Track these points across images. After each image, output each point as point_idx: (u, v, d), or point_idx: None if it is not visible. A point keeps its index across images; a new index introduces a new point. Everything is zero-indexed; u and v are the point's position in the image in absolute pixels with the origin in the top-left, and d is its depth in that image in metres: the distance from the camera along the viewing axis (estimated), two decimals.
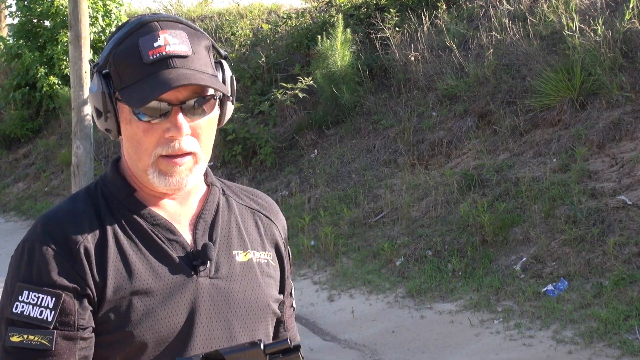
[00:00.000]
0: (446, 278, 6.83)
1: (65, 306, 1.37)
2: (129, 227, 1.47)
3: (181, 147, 1.42)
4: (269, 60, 11.55)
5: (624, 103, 7.42)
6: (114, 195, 1.50)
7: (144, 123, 1.41)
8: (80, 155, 9.40)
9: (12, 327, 1.37)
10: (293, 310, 1.71)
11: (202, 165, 1.47)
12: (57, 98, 14.96)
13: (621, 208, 6.47)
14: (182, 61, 1.40)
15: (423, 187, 8.29)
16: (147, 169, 1.44)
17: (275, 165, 10.37)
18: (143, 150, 1.43)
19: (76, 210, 1.46)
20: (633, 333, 5.26)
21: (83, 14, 9.45)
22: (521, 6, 9.53)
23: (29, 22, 15.71)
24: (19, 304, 1.37)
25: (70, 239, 1.41)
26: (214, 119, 1.49)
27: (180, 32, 1.43)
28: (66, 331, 1.37)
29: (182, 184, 1.45)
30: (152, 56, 1.39)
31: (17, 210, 13.46)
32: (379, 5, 11.35)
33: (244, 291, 1.51)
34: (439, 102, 9.36)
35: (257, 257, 1.57)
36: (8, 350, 1.36)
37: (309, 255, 8.10)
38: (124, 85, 1.42)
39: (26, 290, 1.37)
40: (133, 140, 1.44)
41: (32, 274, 1.38)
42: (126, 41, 1.43)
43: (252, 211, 1.63)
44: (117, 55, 1.43)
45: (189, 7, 16.24)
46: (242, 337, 1.49)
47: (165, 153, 1.42)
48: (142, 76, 1.39)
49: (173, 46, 1.40)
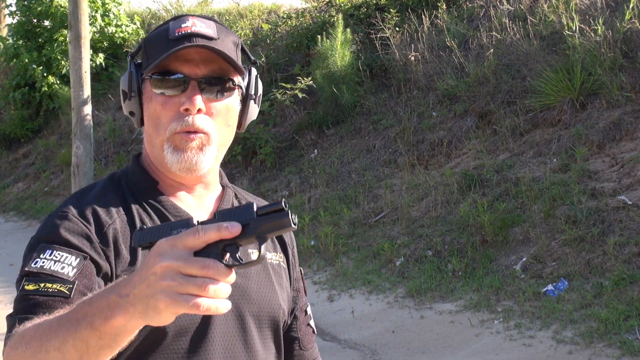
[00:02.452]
0: (446, 278, 6.82)
1: (86, 269, 1.35)
2: (155, 215, 1.49)
3: (194, 122, 1.45)
4: (269, 60, 11.55)
5: (624, 103, 7.42)
6: (137, 187, 1.52)
7: (163, 97, 1.45)
8: (80, 155, 9.39)
9: (28, 277, 1.32)
10: (312, 332, 1.70)
11: (213, 148, 1.49)
12: (56, 98, 14.97)
13: (621, 208, 6.46)
14: (205, 40, 1.45)
15: (423, 187, 8.29)
16: (163, 144, 1.47)
17: (275, 165, 10.37)
18: (161, 126, 1.47)
19: (104, 195, 1.48)
20: (633, 333, 5.26)
21: (83, 14, 9.44)
22: (521, 6, 9.53)
23: (28, 22, 15.71)
24: (39, 260, 1.33)
25: (100, 219, 1.42)
26: (233, 109, 1.52)
27: (210, 22, 1.50)
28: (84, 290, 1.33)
29: (194, 160, 1.46)
30: (178, 33, 1.45)
31: (17, 210, 13.46)
32: (379, 5, 11.34)
33: (258, 289, 1.53)
34: (439, 102, 9.36)
35: (270, 257, 1.60)
36: (20, 299, 1.31)
37: (309, 255, 8.10)
38: (149, 63, 1.47)
39: (49, 249, 1.35)
40: (152, 117, 1.48)
41: (58, 236, 1.37)
42: (159, 28, 1.51)
43: None
44: (147, 39, 1.51)
45: (189, 7, 16.24)
46: (255, 333, 1.50)
47: (179, 129, 1.45)
48: (165, 51, 1.44)
49: (199, 28, 1.46)
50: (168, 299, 1.05)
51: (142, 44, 1.52)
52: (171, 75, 1.45)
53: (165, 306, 1.06)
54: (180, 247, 1.07)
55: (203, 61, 1.45)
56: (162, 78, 1.45)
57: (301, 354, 1.67)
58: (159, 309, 1.06)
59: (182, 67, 1.44)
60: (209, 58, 1.45)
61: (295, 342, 1.65)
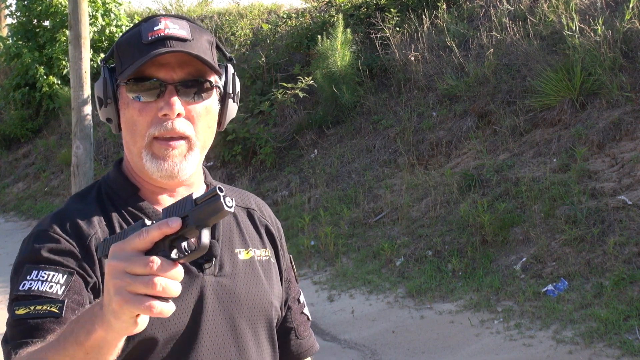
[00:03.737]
0: (446, 278, 6.82)
1: (75, 284, 1.34)
2: None
3: (174, 127, 1.42)
4: (269, 60, 11.55)
5: (624, 103, 7.42)
6: (117, 194, 1.50)
7: (139, 103, 1.42)
8: (80, 155, 9.39)
9: (17, 302, 1.32)
10: (307, 319, 1.70)
11: (196, 153, 1.46)
12: (57, 98, 14.97)
13: (621, 208, 6.46)
14: (179, 43, 1.42)
15: (423, 187, 8.29)
16: (141, 151, 1.44)
17: (275, 165, 10.37)
18: (137, 132, 1.44)
19: (84, 208, 1.46)
20: (633, 333, 5.26)
21: (83, 14, 9.44)
22: (521, 6, 9.53)
23: (29, 22, 15.71)
24: (26, 282, 1.33)
25: (81, 232, 1.41)
26: (212, 110, 1.49)
27: (182, 22, 1.46)
28: (75, 306, 1.33)
29: (175, 169, 1.44)
30: (151, 37, 1.42)
31: (17, 210, 13.46)
32: (379, 5, 11.34)
33: (247, 289, 1.52)
34: (439, 102, 9.36)
35: (258, 255, 1.58)
36: (13, 325, 1.31)
37: (309, 255, 8.10)
38: (123, 68, 1.44)
39: (35, 270, 1.34)
40: (129, 123, 1.45)
41: (41, 256, 1.36)
42: (130, 31, 1.47)
43: (247, 211, 1.64)
44: (119, 43, 1.47)
45: (189, 7, 16.24)
46: (247, 334, 1.50)
47: (158, 133, 1.42)
48: (139, 56, 1.41)
49: (172, 30, 1.43)
50: (119, 298, 1.05)
51: (115, 48, 1.48)
52: (147, 80, 1.42)
53: (119, 307, 1.06)
54: (128, 249, 1.08)
55: (179, 64, 1.42)
56: (137, 83, 1.42)
57: (298, 343, 1.67)
58: (115, 311, 1.07)
59: (158, 71, 1.41)
60: (184, 61, 1.42)
61: (291, 332, 1.66)
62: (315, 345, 1.72)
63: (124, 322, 1.08)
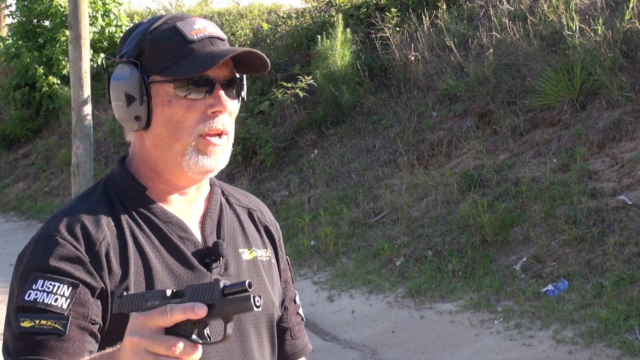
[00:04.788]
0: (446, 278, 6.82)
1: (80, 297, 1.36)
2: (144, 224, 1.48)
3: (224, 124, 1.46)
4: (269, 60, 11.54)
5: (624, 103, 7.42)
6: (125, 194, 1.50)
7: (187, 100, 1.44)
8: (80, 155, 9.39)
9: (24, 313, 1.33)
10: (301, 320, 1.72)
11: (230, 147, 1.51)
12: (57, 98, 14.96)
13: (621, 208, 6.46)
14: (221, 42, 1.48)
15: (423, 187, 8.29)
16: (185, 149, 1.45)
17: (275, 165, 10.37)
18: (184, 129, 1.45)
19: (92, 207, 1.46)
20: (633, 333, 5.26)
21: (83, 14, 9.44)
22: (521, 6, 9.53)
23: (29, 22, 15.71)
24: (32, 292, 1.34)
25: (89, 237, 1.41)
26: None
27: (210, 22, 1.52)
28: (80, 321, 1.35)
29: (217, 165, 1.48)
30: (196, 35, 1.45)
31: (17, 210, 13.45)
32: (379, 5, 11.34)
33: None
34: (439, 102, 9.36)
35: (260, 255, 1.60)
36: (18, 337, 1.33)
37: (309, 255, 8.10)
38: (164, 65, 1.45)
39: (41, 279, 1.35)
40: (171, 121, 1.45)
41: (48, 264, 1.37)
42: (159, 29, 1.47)
43: (248, 210, 1.66)
44: (153, 41, 1.47)
45: (189, 7, 16.24)
46: (251, 334, 1.51)
47: (207, 130, 1.45)
48: (187, 53, 1.44)
49: (212, 29, 1.48)
50: None
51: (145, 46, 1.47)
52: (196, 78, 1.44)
53: None
54: (150, 325, 1.13)
55: (223, 63, 1.46)
56: (187, 81, 1.44)
57: (293, 343, 1.69)
58: None
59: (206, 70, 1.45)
60: (227, 60, 1.46)
61: (286, 332, 1.67)
62: (309, 346, 1.73)
63: None
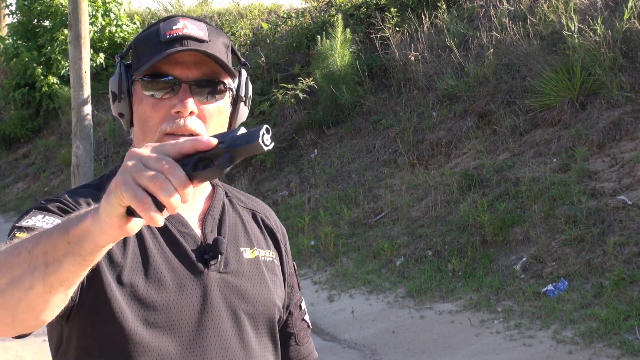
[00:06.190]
0: (446, 278, 6.82)
1: None
2: None
3: (186, 124, 1.44)
4: (269, 60, 11.55)
5: (624, 103, 7.42)
6: None
7: (153, 99, 1.45)
8: (80, 155, 9.40)
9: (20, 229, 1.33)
10: (307, 326, 1.71)
11: None
12: (56, 98, 14.97)
13: (621, 208, 6.47)
14: (196, 43, 1.45)
15: (423, 187, 8.29)
16: None
17: (275, 165, 10.37)
18: (149, 128, 1.46)
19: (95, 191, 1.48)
20: (633, 333, 5.26)
21: (83, 14, 9.45)
22: (521, 6, 9.53)
23: (28, 22, 15.71)
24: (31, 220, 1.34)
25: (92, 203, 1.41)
26: (224, 111, 1.52)
27: (201, 24, 1.50)
28: None
29: None
30: (169, 35, 1.45)
31: (17, 210, 13.45)
32: (379, 5, 11.35)
33: (252, 287, 1.54)
34: (439, 102, 9.36)
35: (263, 255, 1.60)
36: None
37: (309, 255, 8.10)
38: (140, 64, 1.47)
39: (41, 214, 1.36)
40: (141, 119, 1.48)
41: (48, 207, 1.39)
42: (148, 29, 1.51)
43: (252, 212, 1.67)
44: (137, 41, 1.51)
45: (189, 7, 16.24)
46: (250, 332, 1.51)
47: (169, 130, 1.44)
48: (156, 53, 1.45)
49: (190, 30, 1.46)
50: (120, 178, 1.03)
51: (132, 45, 1.52)
52: (162, 77, 1.45)
53: (115, 186, 1.03)
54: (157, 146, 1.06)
55: (195, 64, 1.45)
56: (152, 80, 1.45)
57: (297, 349, 1.68)
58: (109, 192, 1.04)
59: (174, 69, 1.45)
60: (200, 61, 1.45)
61: (291, 338, 1.67)
62: (314, 354, 1.73)
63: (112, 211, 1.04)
